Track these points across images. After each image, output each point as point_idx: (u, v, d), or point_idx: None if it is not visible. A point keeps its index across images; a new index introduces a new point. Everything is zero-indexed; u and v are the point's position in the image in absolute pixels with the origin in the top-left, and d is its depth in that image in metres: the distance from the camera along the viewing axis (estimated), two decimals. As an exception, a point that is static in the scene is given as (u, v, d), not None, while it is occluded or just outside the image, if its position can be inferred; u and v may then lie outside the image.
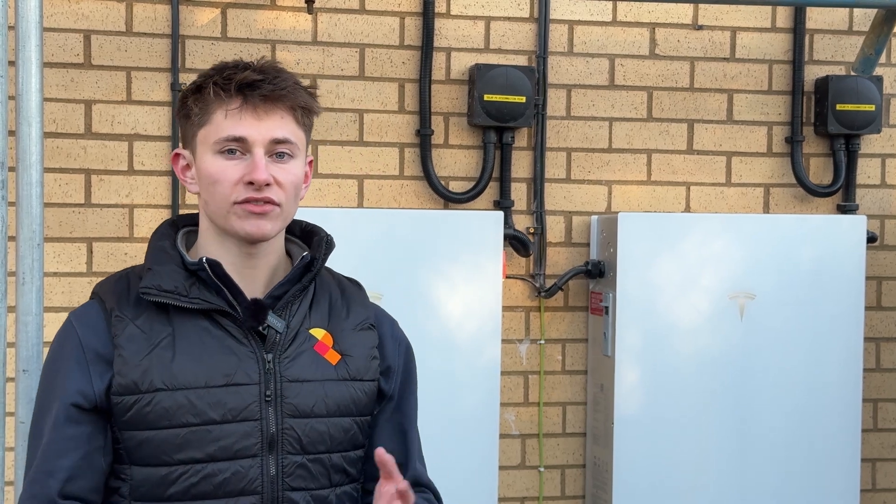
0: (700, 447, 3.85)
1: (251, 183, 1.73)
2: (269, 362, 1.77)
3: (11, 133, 2.90)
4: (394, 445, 1.88)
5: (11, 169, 2.86)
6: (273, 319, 1.79)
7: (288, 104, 1.77)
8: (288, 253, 1.89)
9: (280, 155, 1.76)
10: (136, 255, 3.73)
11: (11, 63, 2.60)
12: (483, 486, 3.74)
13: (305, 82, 1.86)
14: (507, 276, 3.92)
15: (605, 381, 3.88)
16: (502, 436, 3.90)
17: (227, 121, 1.75)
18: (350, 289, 1.94)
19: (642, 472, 3.82)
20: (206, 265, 1.76)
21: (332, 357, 1.83)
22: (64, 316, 3.71)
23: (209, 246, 1.81)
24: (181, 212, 3.74)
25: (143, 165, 3.74)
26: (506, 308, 3.92)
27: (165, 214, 3.74)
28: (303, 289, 1.83)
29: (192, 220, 1.89)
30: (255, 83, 1.76)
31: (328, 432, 1.81)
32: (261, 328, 1.78)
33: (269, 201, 1.74)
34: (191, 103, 1.79)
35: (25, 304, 2.50)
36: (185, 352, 1.74)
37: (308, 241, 1.91)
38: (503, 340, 3.87)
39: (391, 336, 1.96)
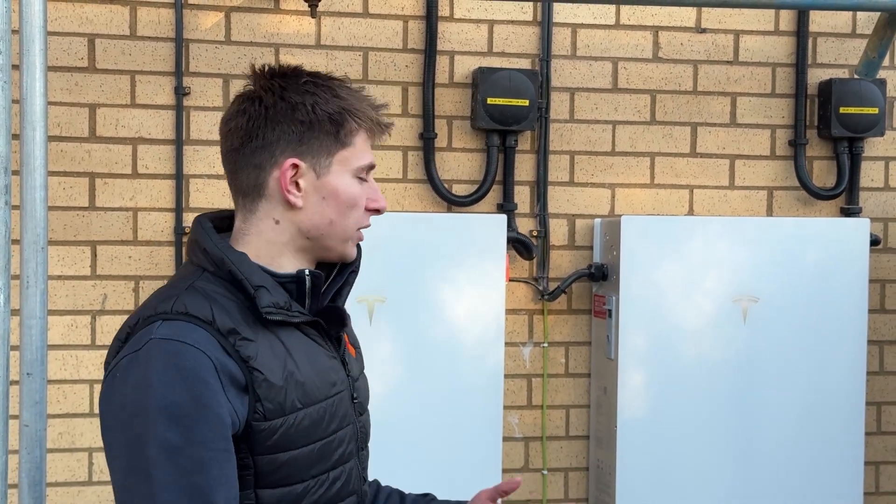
0: (703, 450, 3.85)
1: (377, 210, 1.81)
2: (346, 365, 1.86)
3: (16, 137, 2.91)
4: None
5: (15, 172, 2.87)
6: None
7: None
8: None
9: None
10: (139, 258, 3.73)
11: (15, 67, 2.61)
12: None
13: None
14: (511, 279, 3.92)
15: (609, 384, 3.88)
16: (505, 438, 3.91)
17: (367, 147, 1.80)
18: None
19: (645, 475, 3.82)
20: (308, 276, 1.77)
21: (352, 350, 1.93)
22: (68, 319, 3.75)
23: (279, 259, 1.77)
24: (185, 215, 3.75)
25: (147, 169, 3.75)
26: (509, 311, 3.92)
27: (169, 218, 3.74)
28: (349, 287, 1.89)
29: (217, 224, 1.83)
30: (386, 121, 1.83)
31: (370, 423, 1.93)
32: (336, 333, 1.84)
33: None
34: (341, 125, 1.77)
35: (29, 308, 2.50)
36: (303, 366, 1.73)
37: None
38: (506, 343, 3.87)
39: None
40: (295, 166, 1.75)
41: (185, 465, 1.57)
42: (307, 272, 1.77)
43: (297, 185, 1.75)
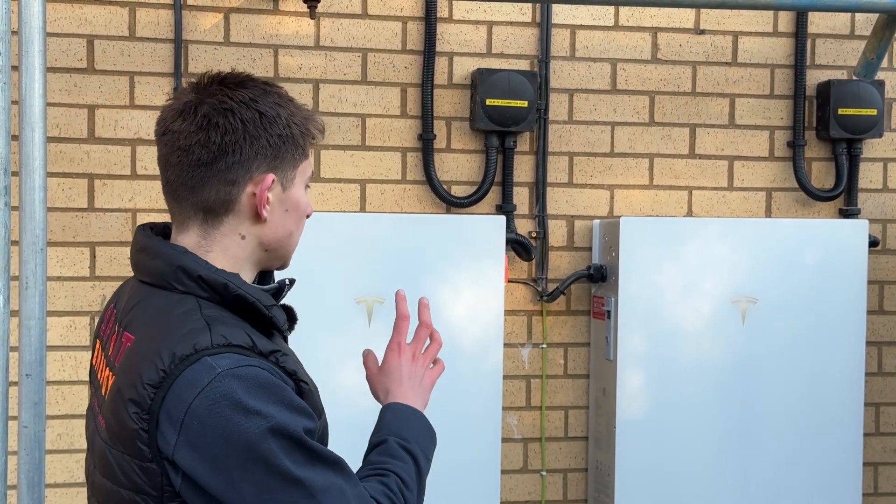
0: (702, 451, 3.85)
1: (307, 216, 1.82)
2: None
3: (15, 138, 2.91)
4: None
5: (15, 174, 2.87)
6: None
7: None
8: None
9: None
10: (138, 259, 3.73)
11: (15, 68, 2.61)
12: (485, 490, 3.75)
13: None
14: (510, 281, 3.92)
15: (608, 385, 3.88)
16: (504, 439, 3.91)
17: (311, 156, 1.81)
18: None
19: (644, 476, 3.82)
20: (287, 284, 1.81)
21: None
22: (67, 320, 3.75)
23: (241, 274, 1.75)
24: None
25: (146, 170, 3.75)
26: (508, 312, 3.92)
27: (168, 219, 3.74)
28: None
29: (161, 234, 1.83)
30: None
31: None
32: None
33: None
34: (306, 136, 1.77)
35: (28, 309, 2.50)
36: (305, 370, 1.77)
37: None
38: (505, 344, 3.87)
39: None
40: (273, 181, 1.72)
41: (317, 455, 1.61)
42: (287, 281, 1.80)
43: (267, 199, 1.72)
